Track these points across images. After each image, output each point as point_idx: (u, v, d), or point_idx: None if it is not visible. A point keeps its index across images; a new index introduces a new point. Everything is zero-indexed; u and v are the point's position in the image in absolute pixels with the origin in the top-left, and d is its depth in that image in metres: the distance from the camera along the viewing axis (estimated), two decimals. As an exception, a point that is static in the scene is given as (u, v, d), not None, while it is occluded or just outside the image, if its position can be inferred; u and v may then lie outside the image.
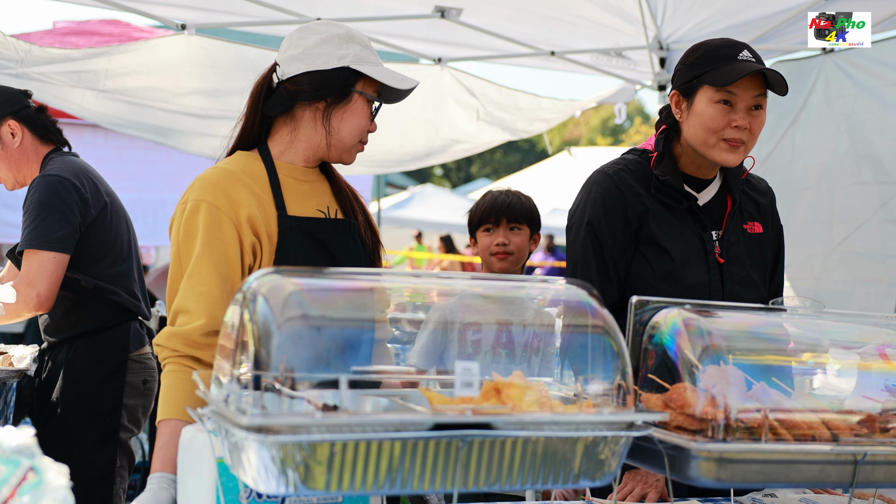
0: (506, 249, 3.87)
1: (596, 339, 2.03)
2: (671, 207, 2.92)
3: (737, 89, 2.78)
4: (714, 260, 2.93)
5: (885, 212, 5.13)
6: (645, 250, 2.91)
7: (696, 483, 1.96)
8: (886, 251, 5.07)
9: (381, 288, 2.15)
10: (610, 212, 2.91)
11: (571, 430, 1.85)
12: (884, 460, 2.07)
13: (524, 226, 3.93)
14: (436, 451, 1.76)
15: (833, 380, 2.28)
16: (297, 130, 2.65)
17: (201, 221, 2.48)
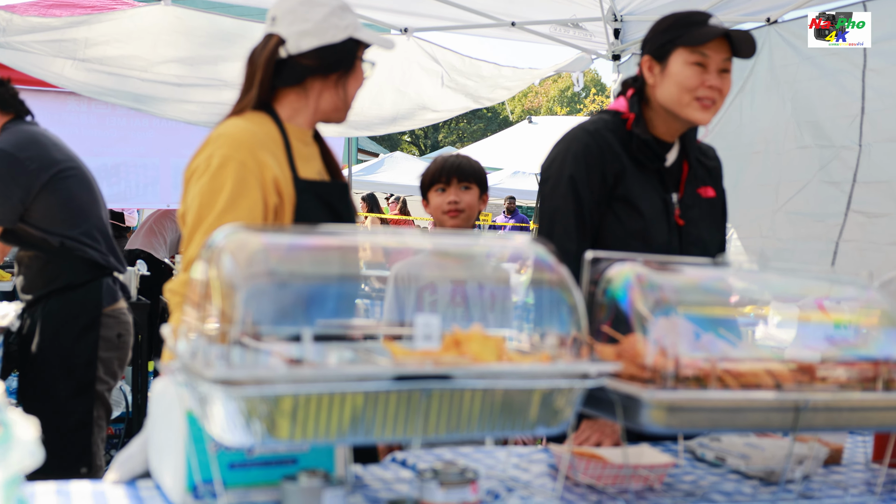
0: (457, 207, 3.87)
1: (553, 294, 1.99)
2: (643, 167, 2.91)
3: (709, 51, 2.79)
4: (674, 221, 2.92)
5: (824, 174, 5.12)
6: (617, 208, 2.88)
7: (648, 430, 1.93)
8: (825, 210, 5.07)
9: (348, 245, 2.08)
10: (591, 167, 2.87)
11: (528, 380, 1.81)
12: (823, 407, 2.05)
13: (473, 185, 3.93)
14: (397, 401, 1.72)
15: (775, 331, 2.26)
16: (308, 98, 2.63)
17: (229, 178, 2.42)
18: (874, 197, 4.88)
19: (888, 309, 2.24)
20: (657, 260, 2.20)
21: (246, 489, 1.93)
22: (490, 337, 1.89)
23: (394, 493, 2.08)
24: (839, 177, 5.04)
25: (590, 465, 2.23)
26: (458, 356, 1.79)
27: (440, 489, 1.86)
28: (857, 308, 2.30)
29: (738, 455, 2.52)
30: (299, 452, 1.98)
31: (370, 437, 1.72)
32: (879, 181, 4.87)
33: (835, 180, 5.07)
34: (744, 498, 2.25)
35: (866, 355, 2.17)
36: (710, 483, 2.37)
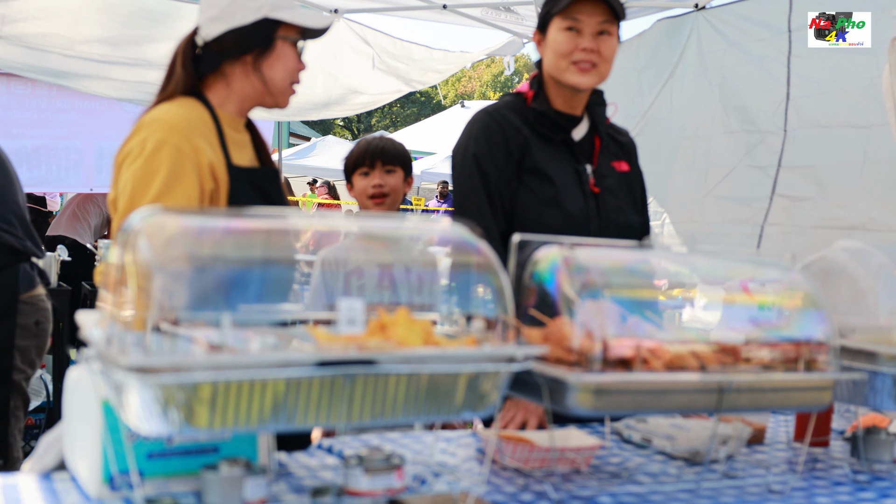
0: (382, 191, 3.84)
1: (479, 276, 1.97)
2: (548, 139, 2.98)
3: (581, 16, 2.87)
4: (589, 190, 2.99)
5: (750, 158, 5.19)
6: (528, 180, 2.93)
7: (574, 413, 1.93)
8: (751, 195, 5.14)
9: (274, 228, 2.04)
10: (492, 144, 2.93)
11: (454, 364, 1.79)
12: (747, 388, 2.07)
13: (398, 168, 3.90)
14: (320, 387, 1.68)
15: (701, 313, 2.27)
16: (231, 84, 2.60)
17: (163, 162, 2.37)
18: (798, 181, 4.96)
19: (810, 291, 2.27)
20: (585, 243, 2.20)
21: (165, 479, 1.88)
22: (416, 321, 1.87)
23: (319, 481, 2.05)
24: (765, 161, 5.12)
25: (517, 449, 2.22)
26: (382, 341, 1.76)
27: (365, 476, 1.84)
28: (781, 290, 2.33)
29: (663, 436, 2.54)
30: (221, 441, 1.94)
31: (292, 425, 1.68)
32: (803, 166, 4.95)
33: (760, 165, 5.14)
34: (669, 479, 2.27)
35: (789, 336, 2.19)
36: (637, 464, 2.39)
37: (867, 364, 2.32)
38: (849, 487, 2.27)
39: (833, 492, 2.23)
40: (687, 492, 2.15)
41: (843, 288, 2.48)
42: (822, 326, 2.21)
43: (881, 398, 2.31)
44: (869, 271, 2.43)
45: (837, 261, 2.53)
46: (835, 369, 2.18)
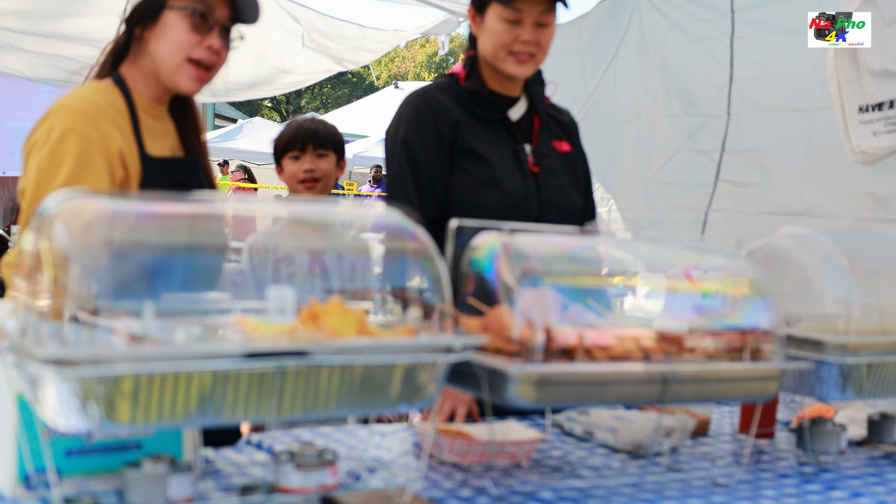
0: (313, 176, 3.81)
1: (415, 264, 1.96)
2: (483, 120, 2.99)
3: (523, 6, 2.88)
4: (528, 170, 3.00)
5: (693, 143, 5.25)
6: (463, 161, 2.95)
7: (515, 405, 1.93)
8: (695, 180, 5.20)
9: (199, 213, 2.00)
10: (422, 127, 2.94)
11: (389, 355, 1.78)
12: (691, 378, 2.09)
13: (330, 152, 3.88)
14: (249, 380, 1.66)
15: (644, 301, 2.29)
16: (136, 64, 2.55)
17: (70, 151, 2.33)
18: (742, 166, 5.04)
19: (755, 278, 2.30)
20: (525, 229, 2.20)
21: (84, 478, 1.85)
22: (349, 310, 1.86)
23: (248, 478, 2.03)
24: (708, 146, 5.18)
25: (455, 443, 2.23)
26: (314, 331, 1.75)
27: (297, 472, 1.82)
28: (725, 277, 2.36)
29: (606, 429, 2.56)
30: (143, 437, 1.91)
31: (220, 419, 1.66)
32: (747, 150, 5.03)
33: (704, 149, 5.20)
34: (612, 472, 2.29)
35: (733, 325, 2.22)
36: (579, 458, 2.41)
37: (813, 353, 2.36)
38: (795, 480, 2.31)
39: (779, 484, 2.27)
40: (630, 486, 2.18)
41: (789, 275, 2.52)
42: (767, 315, 2.24)
43: (827, 388, 2.36)
44: (815, 258, 2.47)
45: (783, 247, 2.57)
46: (781, 359, 2.22)
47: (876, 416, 2.67)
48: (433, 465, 2.26)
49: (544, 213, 2.99)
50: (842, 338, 2.35)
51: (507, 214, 2.89)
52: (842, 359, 2.33)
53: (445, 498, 2.01)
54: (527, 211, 2.95)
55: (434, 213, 2.91)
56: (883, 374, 2.40)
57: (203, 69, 2.52)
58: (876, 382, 2.40)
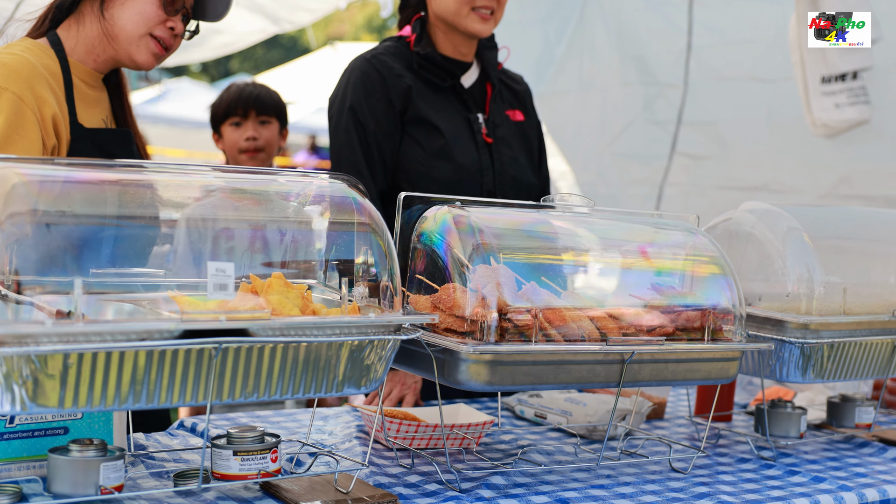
0: (256, 144, 3.77)
1: (362, 238, 1.97)
2: (435, 87, 3.00)
3: None
4: (482, 140, 3.02)
5: (648, 113, 5.28)
6: (414, 131, 2.95)
7: (466, 387, 1.94)
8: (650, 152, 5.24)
9: (132, 181, 1.97)
10: (371, 94, 2.93)
11: (335, 334, 1.78)
12: (649, 359, 2.13)
13: (273, 119, 3.83)
14: (186, 360, 1.66)
15: (600, 279, 2.31)
16: (82, 27, 2.49)
17: (2, 112, 2.28)
18: (699, 138, 5.08)
19: (715, 255, 2.33)
20: (477, 201, 2.21)
21: (6, 464, 1.82)
22: (292, 286, 1.85)
23: (182, 464, 2.03)
24: (664, 116, 5.21)
25: (402, 427, 2.24)
26: (255, 308, 1.74)
27: (235, 458, 1.82)
28: (684, 254, 2.39)
29: (558, 412, 2.59)
30: (71, 420, 1.89)
31: (154, 402, 1.65)
32: (705, 122, 5.07)
33: (659, 120, 5.24)
34: (565, 457, 2.32)
35: (692, 304, 2.25)
36: (531, 442, 2.43)
37: (774, 333, 2.41)
38: (754, 464, 2.36)
39: (738, 469, 2.32)
40: (584, 471, 2.21)
41: (750, 252, 2.56)
42: (727, 293, 2.28)
43: (787, 369, 2.41)
44: (777, 235, 2.51)
45: (744, 223, 2.60)
46: (741, 339, 2.25)
47: (836, 399, 2.73)
48: (379, 449, 2.27)
49: (498, 186, 3.00)
50: (803, 317, 2.40)
51: (459, 187, 2.90)
52: (803, 339, 2.38)
53: (392, 484, 2.02)
54: (480, 184, 2.96)
55: (385, 185, 2.91)
56: (845, 355, 2.45)
57: (162, 48, 2.50)
58: (838, 364, 2.45)
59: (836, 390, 3.03)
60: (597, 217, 2.41)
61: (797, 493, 2.14)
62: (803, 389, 3.10)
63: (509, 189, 3.01)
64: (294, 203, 2.09)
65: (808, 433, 2.65)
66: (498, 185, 2.99)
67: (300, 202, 2.10)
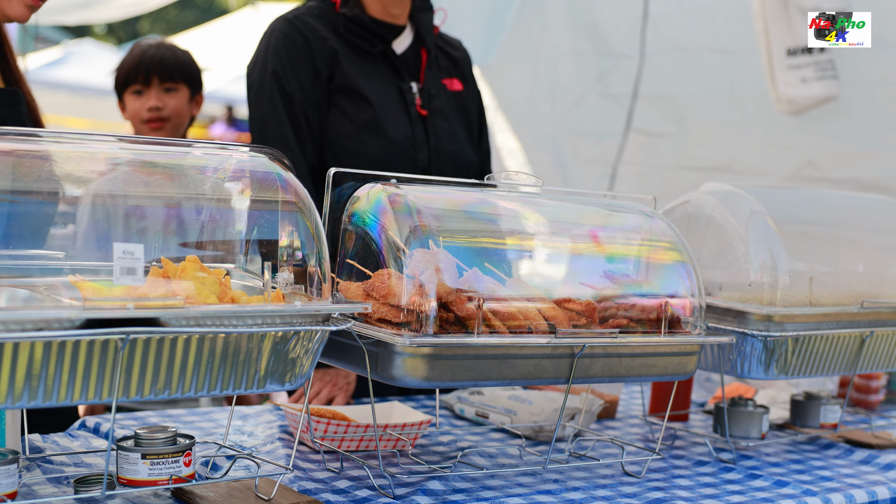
0: (160, 115, 3.64)
1: (287, 218, 1.95)
2: (364, 52, 2.99)
3: None
4: (416, 112, 3.02)
5: (602, 86, 5.30)
6: (341, 101, 2.94)
7: (402, 383, 1.94)
8: (604, 129, 5.26)
9: (26, 151, 1.93)
10: (294, 59, 2.91)
11: (256, 324, 1.76)
12: (602, 353, 2.13)
13: (181, 85, 3.70)
14: (88, 353, 1.62)
15: (549, 265, 2.31)
16: None
17: None
18: (656, 114, 5.11)
19: (673, 240, 2.35)
20: (414, 179, 2.20)
21: None
22: (209, 271, 1.83)
23: (84, 469, 1.99)
24: (618, 90, 5.24)
25: (330, 427, 2.22)
26: (167, 295, 1.71)
27: (143, 462, 1.79)
28: (639, 239, 2.40)
29: (502, 411, 2.59)
30: (-43, 420, 1.85)
31: (53, 400, 1.62)
32: (662, 96, 5.10)
33: (613, 94, 5.26)
34: (509, 460, 2.32)
35: (648, 293, 2.27)
36: (471, 444, 2.43)
37: (735, 326, 2.43)
38: (712, 467, 2.38)
39: (695, 473, 2.34)
40: (530, 475, 2.21)
41: (710, 238, 2.58)
42: (685, 282, 2.30)
43: (749, 365, 2.43)
44: (739, 219, 2.53)
45: (704, 206, 2.62)
46: (701, 332, 2.27)
47: (800, 397, 2.76)
48: (305, 452, 2.26)
49: (433, 162, 2.99)
50: (767, 308, 2.42)
51: (390, 164, 2.89)
52: (766, 332, 2.40)
53: (319, 490, 2.01)
54: (414, 160, 2.95)
55: (315, 160, 2.89)
56: (811, 349, 2.49)
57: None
58: (803, 359, 2.48)
59: (801, 388, 3.07)
60: (545, 198, 2.41)
61: (759, 498, 2.16)
62: (765, 387, 3.13)
63: (446, 166, 3.00)
64: (211, 178, 2.07)
65: (771, 433, 2.68)
66: (433, 162, 2.98)
67: (218, 178, 2.08)
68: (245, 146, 2.08)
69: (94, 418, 2.37)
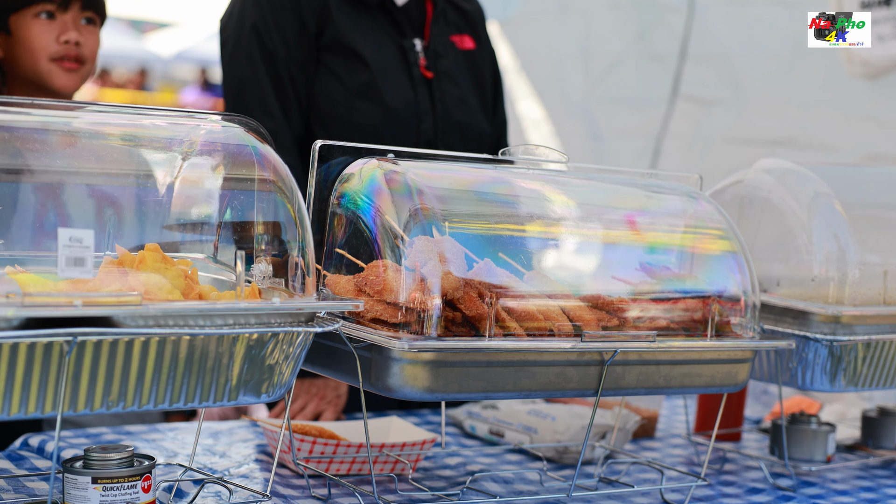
0: (79, 52, 3.20)
1: (264, 199, 1.95)
2: (359, 3, 2.97)
3: None
4: (419, 74, 3.01)
5: (644, 45, 5.29)
6: (332, 61, 2.94)
7: (400, 395, 1.94)
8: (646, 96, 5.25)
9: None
10: (278, 10, 2.90)
11: (227, 325, 1.77)
12: (637, 360, 2.13)
13: (97, 18, 3.27)
14: (29, 358, 1.63)
15: (575, 256, 2.31)
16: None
17: None
18: (708, 78, 5.10)
19: (723, 227, 2.34)
20: (416, 153, 2.20)
21: None
22: (172, 262, 1.84)
23: (25, 495, 2.00)
24: (663, 50, 5.23)
25: (316, 447, 2.23)
26: (121, 290, 1.72)
27: (95, 487, 1.80)
28: (683, 225, 2.39)
29: (520, 428, 2.59)
30: None
31: (-13, 412, 1.63)
32: (714, 56, 5.09)
33: (657, 54, 5.25)
34: (528, 486, 2.32)
35: (692, 289, 2.26)
36: (484, 467, 2.44)
37: (795, 328, 2.42)
38: (769, 496, 2.38)
39: (748, 502, 2.34)
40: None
41: (766, 224, 2.58)
42: (736, 276, 2.29)
43: (812, 374, 2.42)
44: (800, 202, 2.53)
45: (759, 187, 2.62)
46: (755, 335, 2.27)
47: (872, 413, 2.76)
48: (287, 476, 2.26)
49: (440, 134, 2.99)
50: (833, 308, 2.41)
51: (389, 135, 2.89)
52: (832, 336, 2.39)
53: (302, 521, 2.02)
54: (416, 131, 2.95)
55: (302, 130, 2.89)
56: (885, 356, 2.47)
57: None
58: (876, 368, 2.47)
59: (874, 402, 3.06)
60: (571, 176, 2.41)
61: (823, 532, 2.16)
62: (832, 401, 3.13)
63: (454, 138, 3.00)
64: (176, 153, 2.08)
65: (838, 456, 2.67)
66: (440, 134, 2.98)
67: (184, 152, 2.09)
68: (216, 114, 2.09)
69: (38, 436, 2.38)
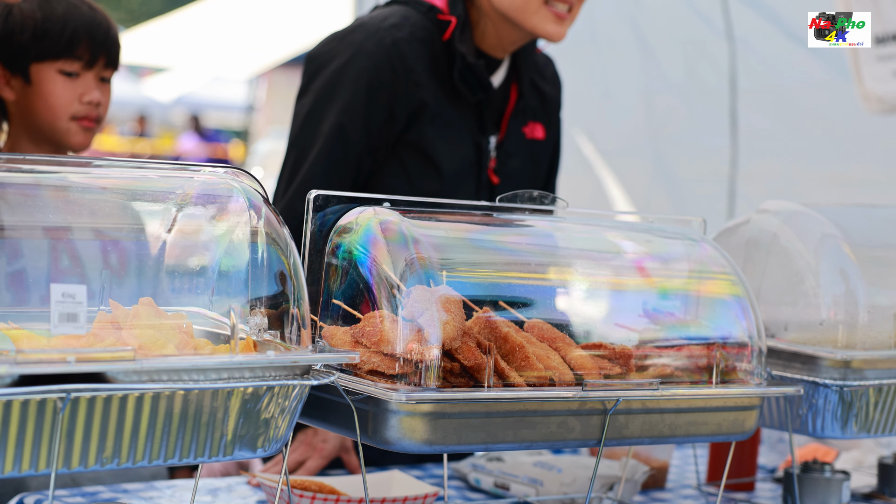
0: (98, 113, 3.04)
1: (258, 250, 1.96)
2: (458, 101, 2.92)
3: None
4: (486, 178, 2.97)
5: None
6: (406, 157, 2.89)
7: (398, 448, 1.95)
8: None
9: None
10: (373, 98, 2.82)
11: (222, 379, 1.79)
12: (640, 408, 2.15)
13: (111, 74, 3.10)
14: (22, 415, 1.66)
15: (575, 303, 2.33)
16: None
17: None
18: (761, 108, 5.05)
19: (728, 270, 2.36)
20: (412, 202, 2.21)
21: None
22: (166, 316, 1.86)
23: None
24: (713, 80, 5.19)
25: (315, 502, 2.24)
26: (115, 345, 1.75)
27: (90, 545, 1.83)
28: (687, 270, 2.41)
29: (525, 480, 2.61)
30: None
31: (-21, 471, 1.66)
32: (765, 87, 5.05)
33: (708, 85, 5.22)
34: (533, 540, 2.34)
35: (697, 335, 2.28)
36: (487, 521, 2.45)
37: (804, 373, 2.43)
38: (779, 545, 2.40)
39: (758, 552, 2.35)
40: (557, 557, 2.23)
41: (773, 267, 2.59)
42: (742, 321, 2.31)
43: (823, 420, 2.43)
44: (807, 245, 2.54)
45: (766, 229, 2.63)
46: (762, 382, 2.28)
47: (889, 460, 2.77)
48: (284, 533, 2.28)
49: None
50: (842, 353, 2.42)
51: None
52: (842, 381, 2.40)
53: (301, 578, 2.03)
54: None
55: None
56: (898, 401, 2.48)
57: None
58: (888, 413, 2.48)
59: (892, 448, 3.06)
60: (572, 222, 2.43)
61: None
62: (850, 448, 3.12)
63: None
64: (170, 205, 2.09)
65: (854, 505, 2.68)
66: None
67: (177, 204, 2.10)
68: (209, 165, 2.08)
69: (34, 495, 2.39)
